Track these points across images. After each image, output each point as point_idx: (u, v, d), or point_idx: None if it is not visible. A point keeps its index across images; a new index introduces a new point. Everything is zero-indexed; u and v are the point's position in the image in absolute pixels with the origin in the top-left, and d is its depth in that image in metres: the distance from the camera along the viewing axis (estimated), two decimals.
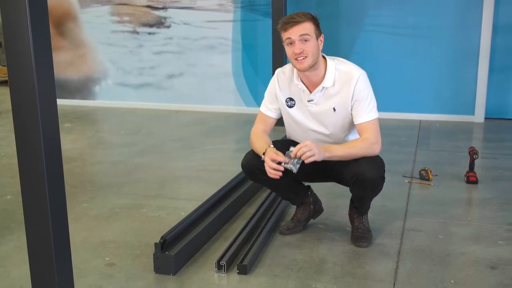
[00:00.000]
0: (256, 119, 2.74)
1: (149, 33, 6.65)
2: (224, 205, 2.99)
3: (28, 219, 1.81)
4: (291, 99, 2.64)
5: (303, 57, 2.44)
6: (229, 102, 6.45)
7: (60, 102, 6.38)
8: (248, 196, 3.32)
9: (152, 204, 3.32)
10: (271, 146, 2.52)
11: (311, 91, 2.57)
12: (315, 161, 2.41)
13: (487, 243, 2.69)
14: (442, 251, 2.60)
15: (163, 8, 6.54)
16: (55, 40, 6.87)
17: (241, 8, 6.21)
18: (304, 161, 2.40)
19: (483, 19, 5.47)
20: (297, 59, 2.45)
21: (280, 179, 2.66)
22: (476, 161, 3.66)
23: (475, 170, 3.65)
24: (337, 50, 5.70)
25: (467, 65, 5.62)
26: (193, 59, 6.53)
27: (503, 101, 5.72)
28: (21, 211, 1.82)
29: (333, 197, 3.29)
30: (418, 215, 3.07)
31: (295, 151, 2.40)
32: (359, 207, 2.70)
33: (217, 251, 2.62)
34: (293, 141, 2.74)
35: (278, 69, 2.71)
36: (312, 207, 2.87)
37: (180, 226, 2.59)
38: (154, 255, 2.42)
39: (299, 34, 2.41)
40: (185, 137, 5.18)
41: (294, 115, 2.65)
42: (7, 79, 1.66)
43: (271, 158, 2.42)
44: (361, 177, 2.46)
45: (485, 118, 5.71)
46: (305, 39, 2.42)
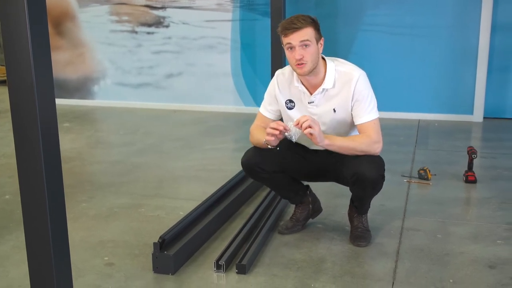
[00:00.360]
0: (255, 118, 2.75)
1: (148, 33, 6.64)
2: (223, 205, 2.99)
3: (26, 218, 1.81)
4: (290, 101, 2.63)
5: (303, 63, 2.44)
6: (228, 101, 6.45)
7: (58, 101, 6.37)
8: (247, 195, 3.32)
9: (151, 203, 3.32)
10: None
11: (311, 93, 2.57)
12: (316, 155, 2.40)
13: (486, 243, 2.69)
14: (440, 251, 2.60)
15: (162, 7, 6.53)
16: (54, 39, 6.86)
17: (240, 7, 6.20)
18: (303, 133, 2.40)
19: (482, 19, 5.46)
20: (297, 64, 2.46)
21: (279, 178, 2.67)
22: (474, 161, 3.67)
23: (473, 169, 3.65)
24: (336, 50, 5.69)
25: (465, 64, 5.62)
26: (192, 58, 6.52)
27: (501, 101, 5.72)
28: (20, 210, 1.82)
29: (332, 196, 3.29)
30: (416, 215, 3.07)
31: (296, 121, 2.41)
32: (359, 206, 2.70)
33: (216, 250, 2.62)
34: (292, 143, 2.74)
35: (278, 71, 2.70)
36: (311, 206, 2.87)
37: (179, 225, 2.59)
38: (153, 254, 2.42)
39: (300, 40, 2.41)
40: (184, 137, 5.18)
41: (294, 117, 2.64)
42: (5, 78, 1.66)
43: (272, 125, 2.43)
44: (361, 176, 2.46)
45: (484, 117, 5.71)
46: (306, 45, 2.42)
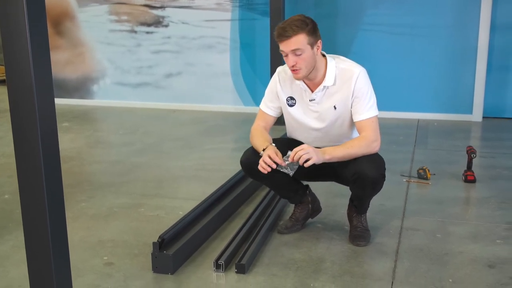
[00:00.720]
0: (256, 116, 2.75)
1: (147, 32, 6.64)
2: (222, 204, 2.99)
3: (26, 218, 1.81)
4: (292, 98, 2.64)
5: (297, 69, 2.45)
6: (227, 101, 6.45)
7: (58, 101, 6.36)
8: (246, 195, 3.32)
9: (150, 203, 3.32)
10: (272, 144, 2.53)
11: (312, 91, 2.57)
12: (314, 164, 2.41)
13: (485, 242, 2.69)
14: (440, 250, 2.60)
15: (161, 7, 6.53)
16: (53, 39, 6.85)
17: (239, 7, 6.20)
18: (301, 165, 2.40)
19: (481, 18, 5.47)
20: (292, 70, 2.47)
21: (278, 178, 2.67)
22: (474, 160, 3.67)
23: (473, 169, 3.65)
24: (335, 49, 5.67)
25: (465, 64, 5.62)
26: (191, 58, 6.52)
27: (501, 100, 5.72)
28: (19, 210, 1.82)
29: (332, 196, 3.29)
30: (416, 214, 3.07)
31: (292, 154, 2.41)
32: (358, 206, 2.70)
33: (215, 250, 2.62)
34: (292, 140, 2.75)
35: (279, 68, 2.71)
36: (310, 206, 2.87)
37: (178, 225, 2.59)
38: (152, 254, 2.42)
39: (290, 49, 2.41)
40: (183, 137, 5.17)
41: (294, 114, 2.65)
42: (4, 78, 1.65)
43: (270, 155, 2.43)
44: (362, 175, 2.46)
45: (483, 117, 5.72)
46: (297, 54, 2.42)
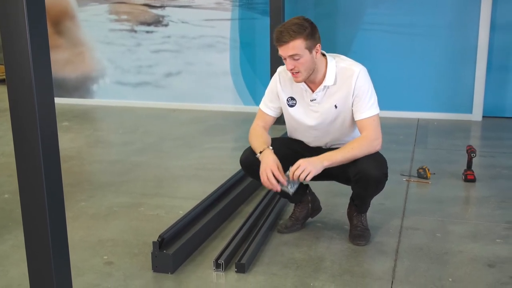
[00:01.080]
0: (256, 115, 2.75)
1: (147, 32, 6.64)
2: (222, 204, 2.99)
3: (26, 218, 1.81)
4: (292, 98, 2.63)
5: (296, 72, 2.45)
6: (227, 100, 6.45)
7: (58, 100, 6.37)
8: (246, 194, 3.32)
9: (150, 202, 3.32)
10: (269, 147, 2.52)
11: (313, 91, 2.57)
12: (316, 153, 2.42)
13: (485, 241, 2.70)
14: (440, 249, 2.61)
15: (161, 6, 6.53)
16: (53, 38, 6.86)
17: (239, 6, 6.20)
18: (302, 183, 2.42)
19: (481, 18, 5.47)
20: (292, 73, 2.48)
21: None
22: (474, 160, 3.67)
23: (473, 168, 3.66)
24: (335, 49, 5.68)
25: (465, 63, 5.62)
26: (191, 57, 6.52)
27: (501, 100, 5.72)
28: (19, 210, 1.82)
29: (332, 195, 3.29)
30: (416, 214, 3.07)
31: (290, 175, 2.41)
32: (359, 205, 2.70)
33: (215, 249, 2.62)
34: (292, 140, 2.76)
35: (280, 68, 2.70)
36: (310, 205, 2.87)
37: (178, 224, 2.59)
38: (152, 253, 2.42)
39: (288, 54, 2.41)
40: (183, 136, 5.17)
41: (295, 114, 2.64)
42: (4, 77, 1.65)
43: (274, 172, 2.42)
44: (364, 175, 2.46)
45: (483, 116, 5.72)
46: (295, 58, 2.41)
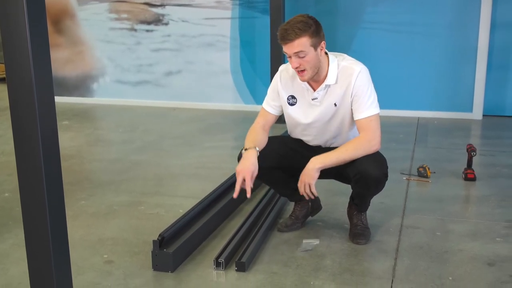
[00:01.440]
0: (258, 113, 2.75)
1: (147, 31, 6.64)
2: (222, 203, 2.99)
3: (26, 216, 1.81)
4: (293, 97, 2.63)
5: (302, 69, 2.45)
6: (227, 99, 6.44)
7: (58, 99, 6.37)
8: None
9: (150, 201, 3.32)
10: (256, 149, 2.52)
11: (314, 89, 2.57)
12: (316, 152, 2.44)
13: (485, 240, 2.70)
14: (440, 248, 2.61)
15: (161, 5, 6.53)
16: (53, 37, 6.85)
17: (239, 5, 6.20)
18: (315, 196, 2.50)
19: (481, 17, 5.47)
20: (297, 71, 2.47)
21: (278, 176, 2.68)
22: (474, 158, 3.67)
23: (473, 167, 3.66)
24: (335, 47, 5.60)
25: (465, 62, 5.62)
26: (191, 56, 6.52)
27: (501, 99, 5.72)
28: (19, 208, 1.82)
29: (332, 194, 3.29)
30: (416, 212, 3.07)
31: (302, 191, 2.49)
32: (359, 204, 2.70)
33: (215, 248, 2.62)
34: (292, 139, 2.76)
35: (282, 66, 2.71)
36: (310, 204, 2.87)
37: (178, 223, 2.59)
38: (152, 252, 2.42)
39: (293, 52, 2.40)
40: (183, 135, 5.17)
41: (295, 112, 2.64)
42: (4, 76, 1.65)
43: (246, 179, 2.43)
44: (365, 175, 2.46)
45: (483, 115, 5.72)
46: (300, 56, 2.41)
